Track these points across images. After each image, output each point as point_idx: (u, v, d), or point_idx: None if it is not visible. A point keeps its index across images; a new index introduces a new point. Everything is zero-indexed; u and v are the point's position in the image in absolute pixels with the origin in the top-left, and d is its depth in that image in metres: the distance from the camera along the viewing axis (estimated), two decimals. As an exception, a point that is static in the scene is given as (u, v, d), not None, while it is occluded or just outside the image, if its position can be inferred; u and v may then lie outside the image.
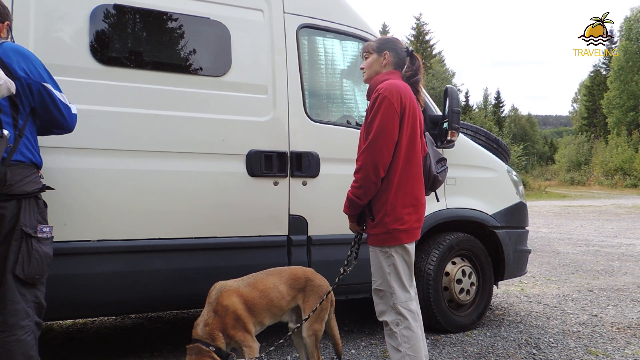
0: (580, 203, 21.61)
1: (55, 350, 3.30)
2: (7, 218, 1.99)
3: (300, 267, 2.73)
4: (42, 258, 2.07)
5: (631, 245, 8.79)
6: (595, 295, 5.04)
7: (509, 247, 3.84)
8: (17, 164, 2.01)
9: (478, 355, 3.25)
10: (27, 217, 2.04)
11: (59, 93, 2.14)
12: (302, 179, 3.11)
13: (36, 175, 2.10)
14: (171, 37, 2.92)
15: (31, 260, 2.04)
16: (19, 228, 2.01)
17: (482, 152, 3.94)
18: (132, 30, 2.84)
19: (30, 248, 2.04)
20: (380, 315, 2.36)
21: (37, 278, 2.07)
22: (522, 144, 41.28)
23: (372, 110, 2.25)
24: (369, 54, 2.47)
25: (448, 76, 46.87)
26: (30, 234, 2.04)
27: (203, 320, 2.37)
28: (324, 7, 3.31)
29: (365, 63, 2.48)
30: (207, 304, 2.43)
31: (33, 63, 2.08)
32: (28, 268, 2.03)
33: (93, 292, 2.62)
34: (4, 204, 1.98)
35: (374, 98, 2.27)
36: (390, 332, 2.31)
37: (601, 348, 3.40)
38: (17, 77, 2.01)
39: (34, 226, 2.06)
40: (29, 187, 2.04)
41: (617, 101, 42.60)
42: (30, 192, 2.04)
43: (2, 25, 2.15)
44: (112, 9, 2.72)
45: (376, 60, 2.44)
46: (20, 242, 2.02)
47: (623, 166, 35.84)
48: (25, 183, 2.03)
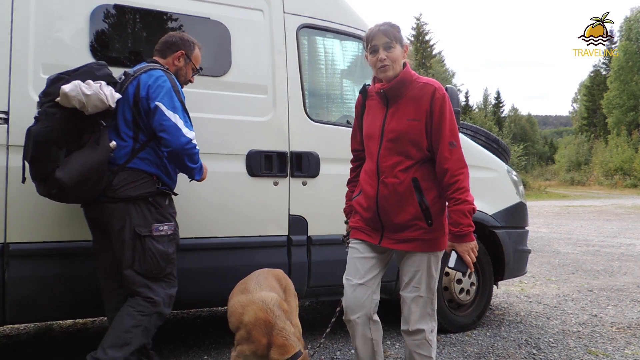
0: (580, 203, 21.61)
1: (55, 350, 3.30)
2: (115, 217, 2.25)
3: (277, 269, 2.70)
4: (156, 255, 2.31)
5: (631, 245, 8.79)
6: (595, 295, 5.05)
7: (509, 247, 3.84)
8: (129, 170, 2.27)
9: (478, 355, 3.25)
10: (139, 218, 2.28)
11: (171, 113, 2.27)
12: (302, 179, 3.11)
13: (146, 181, 2.32)
14: None
15: (146, 257, 2.29)
16: (132, 229, 2.27)
17: (482, 152, 3.93)
18: (132, 30, 2.84)
19: (144, 246, 2.28)
20: (414, 323, 2.17)
21: (156, 273, 2.33)
22: (522, 144, 41.28)
23: (446, 110, 2.11)
24: (394, 45, 2.13)
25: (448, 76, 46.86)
26: (144, 234, 2.28)
27: (291, 332, 2.20)
28: (324, 7, 3.31)
29: (392, 56, 2.13)
30: (278, 317, 2.21)
31: (159, 86, 2.28)
32: (144, 264, 2.29)
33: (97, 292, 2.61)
34: (110, 205, 2.25)
35: (438, 97, 2.10)
36: (423, 341, 2.17)
37: (601, 348, 3.40)
38: (140, 97, 2.29)
39: (148, 226, 2.30)
40: (134, 191, 2.27)
41: (617, 101, 42.61)
42: (134, 196, 2.27)
43: (176, 54, 2.50)
44: (112, 9, 2.72)
45: (401, 53, 2.17)
46: (134, 241, 2.27)
47: (623, 166, 35.86)
48: (130, 188, 2.27)
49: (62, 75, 2.13)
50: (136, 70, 2.39)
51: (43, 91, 2.16)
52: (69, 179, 2.08)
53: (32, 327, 3.75)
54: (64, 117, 2.08)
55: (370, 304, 2.22)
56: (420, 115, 2.11)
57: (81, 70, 2.17)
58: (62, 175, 2.06)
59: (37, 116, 2.13)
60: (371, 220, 2.22)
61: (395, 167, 2.13)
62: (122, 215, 2.27)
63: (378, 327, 2.28)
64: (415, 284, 2.17)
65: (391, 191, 2.13)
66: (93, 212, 2.37)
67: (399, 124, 2.13)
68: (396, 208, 2.14)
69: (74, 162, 2.11)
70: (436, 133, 2.11)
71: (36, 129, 2.08)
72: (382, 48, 2.12)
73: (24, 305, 2.48)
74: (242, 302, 2.30)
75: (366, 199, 2.22)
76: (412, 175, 2.12)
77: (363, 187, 2.27)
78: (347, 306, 2.22)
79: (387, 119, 2.17)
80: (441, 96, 2.11)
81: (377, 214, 2.18)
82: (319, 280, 3.14)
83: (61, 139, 2.09)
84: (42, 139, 2.06)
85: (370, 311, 2.23)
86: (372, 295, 2.23)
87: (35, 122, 2.12)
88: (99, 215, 2.34)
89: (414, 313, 2.17)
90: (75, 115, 2.10)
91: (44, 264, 2.50)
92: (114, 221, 2.28)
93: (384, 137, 2.17)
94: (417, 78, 2.17)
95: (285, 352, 2.14)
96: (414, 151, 2.13)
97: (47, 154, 2.07)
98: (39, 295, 2.49)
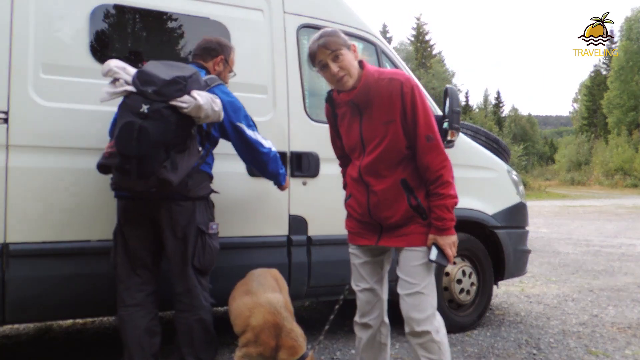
0: (581, 203, 21.61)
1: (55, 350, 3.30)
2: (184, 215, 2.35)
3: (273, 269, 2.69)
4: (212, 251, 2.46)
5: (631, 245, 8.78)
6: (596, 295, 5.04)
7: (509, 247, 3.84)
8: (199, 173, 2.40)
9: (478, 355, 3.25)
10: (201, 216, 2.41)
11: (252, 131, 2.53)
12: (302, 179, 3.11)
13: (208, 182, 2.51)
14: (171, 37, 2.92)
15: (205, 253, 2.42)
16: (195, 226, 2.38)
17: (482, 152, 3.93)
18: (132, 30, 2.84)
19: (204, 243, 2.41)
20: (419, 324, 2.05)
21: (209, 268, 2.47)
22: (522, 144, 41.34)
23: (418, 103, 1.99)
24: (340, 53, 2.00)
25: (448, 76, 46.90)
26: (204, 230, 2.41)
27: (299, 334, 2.23)
28: (324, 7, 3.31)
29: (344, 64, 2.01)
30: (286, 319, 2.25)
31: (237, 108, 2.49)
32: (203, 260, 2.41)
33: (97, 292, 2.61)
34: (183, 203, 2.35)
35: (407, 91, 1.98)
36: (429, 343, 2.05)
37: (601, 348, 3.40)
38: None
39: (206, 224, 2.44)
40: (202, 191, 2.43)
41: (617, 101, 42.64)
42: (202, 196, 2.43)
43: (216, 59, 2.60)
44: (112, 9, 2.71)
45: (351, 55, 2.05)
46: (196, 238, 2.39)
47: (623, 166, 35.89)
48: (200, 188, 2.42)
49: (179, 80, 2.16)
50: (207, 81, 2.41)
51: (155, 90, 2.13)
52: (177, 182, 2.18)
53: (32, 327, 3.75)
54: (177, 121, 2.15)
55: (380, 306, 2.24)
56: (394, 114, 2.02)
57: (194, 78, 2.23)
58: (174, 179, 2.15)
59: (148, 114, 2.11)
60: (367, 223, 2.19)
61: (381, 173, 2.08)
62: (190, 213, 2.37)
63: (388, 332, 2.30)
64: (414, 279, 2.08)
65: (381, 198, 2.09)
66: (148, 208, 2.36)
67: (376, 130, 2.06)
68: (389, 210, 2.10)
69: (181, 165, 2.20)
70: (412, 129, 2.02)
71: (153, 128, 2.10)
72: (330, 61, 2.01)
73: (23, 306, 2.47)
74: (248, 305, 2.31)
75: (358, 205, 2.19)
76: (400, 176, 2.08)
77: (353, 192, 2.23)
78: (360, 311, 2.27)
79: (363, 127, 2.09)
80: (409, 89, 2.00)
81: (372, 218, 2.16)
82: (319, 280, 3.14)
83: (172, 141, 2.16)
84: (158, 138, 2.10)
85: (381, 314, 2.25)
86: (381, 297, 2.25)
87: (144, 118, 2.11)
88: (156, 211, 2.35)
89: (415, 311, 2.06)
90: (185, 121, 2.18)
91: (43, 264, 2.49)
92: (179, 218, 2.35)
93: (365, 147, 2.10)
94: (381, 74, 2.05)
95: (295, 353, 2.17)
96: (397, 153, 2.06)
97: (156, 153, 2.12)
98: (39, 296, 2.48)
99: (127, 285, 2.42)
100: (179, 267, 2.40)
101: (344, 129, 2.20)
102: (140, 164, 2.11)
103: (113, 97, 2.20)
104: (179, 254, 2.38)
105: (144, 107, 2.11)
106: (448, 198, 2.04)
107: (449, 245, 2.05)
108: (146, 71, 2.19)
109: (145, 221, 2.40)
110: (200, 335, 2.40)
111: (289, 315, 2.26)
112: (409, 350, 3.21)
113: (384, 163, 2.08)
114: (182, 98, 2.14)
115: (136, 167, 2.11)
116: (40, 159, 2.48)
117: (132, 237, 2.42)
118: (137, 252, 2.42)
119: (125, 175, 2.15)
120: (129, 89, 2.17)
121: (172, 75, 2.17)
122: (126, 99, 2.18)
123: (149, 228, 2.40)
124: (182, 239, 2.37)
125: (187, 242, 2.37)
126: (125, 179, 2.17)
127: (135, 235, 2.42)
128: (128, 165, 2.11)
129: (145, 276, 2.43)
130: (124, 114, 2.16)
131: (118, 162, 2.13)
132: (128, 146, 2.09)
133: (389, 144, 2.04)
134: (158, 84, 2.14)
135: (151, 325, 2.41)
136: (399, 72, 2.09)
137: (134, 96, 2.16)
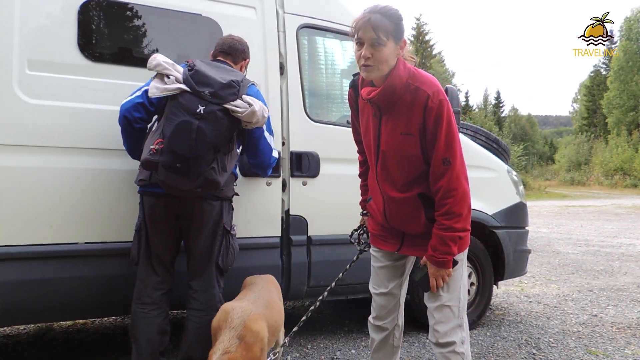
0: (580, 203, 21.60)
1: (55, 350, 3.30)
2: (211, 215, 2.36)
3: (268, 275, 2.68)
4: (234, 252, 2.50)
5: (631, 245, 8.79)
6: (595, 295, 5.05)
7: (509, 247, 3.84)
8: (229, 174, 2.39)
9: (478, 355, 3.25)
10: (226, 216, 2.45)
11: (271, 138, 2.56)
12: (302, 179, 3.11)
13: (233, 183, 2.53)
14: (162, 33, 2.86)
15: (228, 253, 2.46)
16: (222, 225, 2.41)
17: (482, 152, 3.93)
18: (122, 27, 2.79)
19: (228, 243, 2.45)
20: (443, 336, 1.95)
21: (229, 268, 2.49)
22: (522, 144, 41.26)
23: (443, 122, 1.81)
24: (384, 43, 1.78)
25: (448, 76, 46.88)
26: (229, 230, 2.45)
27: (222, 348, 1.95)
28: (324, 7, 3.30)
29: (378, 56, 1.79)
30: (225, 329, 2.02)
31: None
32: (226, 259, 2.45)
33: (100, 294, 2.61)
34: (212, 202, 2.37)
35: (432, 107, 1.80)
36: (452, 354, 1.95)
37: (601, 348, 3.40)
38: None
39: (230, 224, 2.48)
40: (230, 192, 2.47)
41: (617, 101, 42.59)
42: (229, 197, 2.47)
43: (244, 62, 2.64)
44: (101, 5, 2.67)
45: (393, 51, 1.82)
46: (222, 237, 2.42)
47: (623, 166, 35.85)
48: (229, 189, 2.45)
49: (234, 84, 2.21)
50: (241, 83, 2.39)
51: (212, 91, 2.16)
52: (223, 183, 2.25)
53: (32, 327, 3.75)
54: (228, 124, 2.21)
55: (396, 309, 2.22)
56: (413, 128, 1.85)
57: (244, 82, 2.29)
58: (221, 180, 2.22)
59: (204, 115, 2.14)
60: (390, 229, 2.11)
61: (397, 184, 1.96)
62: (218, 212, 2.40)
63: (401, 334, 2.30)
64: (439, 292, 1.96)
65: (399, 209, 2.00)
66: (178, 205, 2.34)
67: (393, 138, 1.90)
68: (407, 222, 2.01)
69: (227, 167, 2.28)
70: (430, 148, 1.86)
71: (209, 130, 2.14)
72: (367, 44, 1.80)
73: (14, 309, 2.41)
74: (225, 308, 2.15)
75: (378, 212, 2.11)
76: (417, 190, 1.94)
77: (372, 196, 2.16)
78: (375, 313, 2.24)
79: (381, 131, 1.94)
80: (436, 105, 1.80)
81: (390, 225, 2.09)
82: (319, 280, 3.13)
83: (221, 143, 2.21)
84: (212, 140, 2.15)
85: (396, 317, 2.23)
86: (398, 302, 2.23)
87: (200, 119, 2.13)
88: (186, 209, 2.34)
89: (441, 324, 1.96)
90: (234, 124, 2.25)
91: (35, 266, 2.43)
92: (209, 217, 2.37)
93: (380, 152, 1.97)
94: (411, 78, 1.84)
95: None
96: (414, 166, 1.92)
97: (207, 154, 2.15)
98: (30, 299, 2.43)
99: (145, 283, 2.42)
100: (202, 265, 2.41)
101: (362, 124, 2.07)
102: (193, 164, 2.13)
103: (164, 94, 2.20)
104: (205, 252, 2.40)
105: (200, 108, 2.14)
106: (449, 231, 1.85)
107: (436, 276, 1.92)
108: (201, 72, 2.20)
109: (171, 218, 2.38)
110: (210, 335, 2.37)
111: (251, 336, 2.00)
112: (409, 349, 3.21)
113: (400, 175, 1.95)
114: (236, 102, 2.18)
115: (187, 166, 2.12)
116: (26, 158, 2.40)
117: (155, 234, 2.40)
118: (157, 248, 2.41)
119: (174, 173, 2.14)
120: (184, 88, 2.18)
121: (228, 79, 2.21)
122: (180, 97, 2.18)
123: (174, 225, 2.40)
124: (209, 238, 2.39)
125: (214, 241, 2.40)
126: (173, 177, 2.16)
127: (159, 231, 2.40)
128: (179, 164, 2.12)
129: (163, 275, 2.44)
130: (177, 112, 2.15)
131: (169, 160, 2.12)
132: (184, 145, 2.10)
133: (405, 157, 1.91)
134: (215, 86, 2.17)
135: (163, 324, 2.41)
136: (430, 80, 1.85)
137: (188, 96, 2.17)
